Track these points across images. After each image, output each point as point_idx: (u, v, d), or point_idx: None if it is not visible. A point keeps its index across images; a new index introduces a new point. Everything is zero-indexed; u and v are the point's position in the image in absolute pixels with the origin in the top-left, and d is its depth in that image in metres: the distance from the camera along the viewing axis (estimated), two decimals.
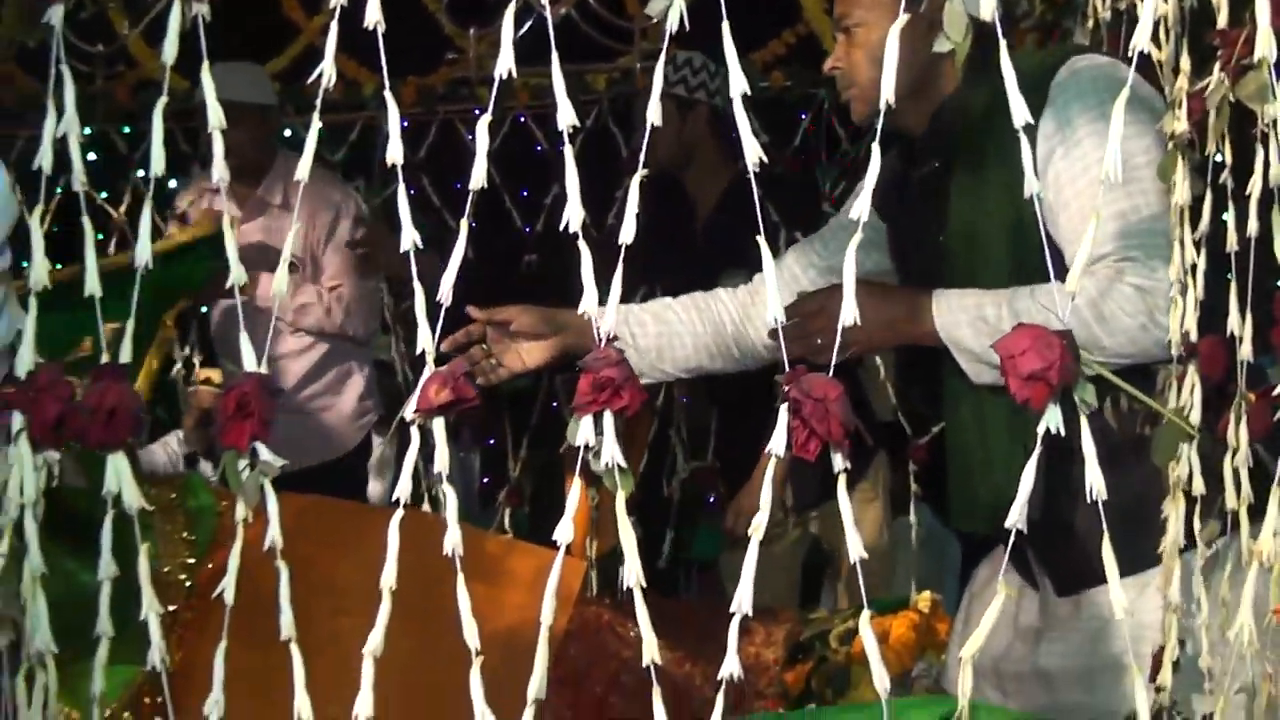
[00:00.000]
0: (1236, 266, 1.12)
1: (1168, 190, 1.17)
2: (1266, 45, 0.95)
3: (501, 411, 4.03)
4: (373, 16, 0.91)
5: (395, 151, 0.92)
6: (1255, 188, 1.06)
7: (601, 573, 2.23)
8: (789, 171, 4.13)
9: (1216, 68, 1.06)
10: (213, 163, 0.97)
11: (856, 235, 0.88)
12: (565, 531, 0.89)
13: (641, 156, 0.93)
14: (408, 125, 4.17)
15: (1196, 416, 1.18)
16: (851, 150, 4.13)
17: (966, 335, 1.56)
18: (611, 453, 0.86)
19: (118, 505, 0.98)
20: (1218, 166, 1.15)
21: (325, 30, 0.94)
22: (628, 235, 0.86)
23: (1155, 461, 1.18)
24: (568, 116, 0.88)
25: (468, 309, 1.76)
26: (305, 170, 0.96)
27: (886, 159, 1.76)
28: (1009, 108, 0.86)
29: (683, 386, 3.25)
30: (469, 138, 4.10)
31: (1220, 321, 1.16)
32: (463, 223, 0.90)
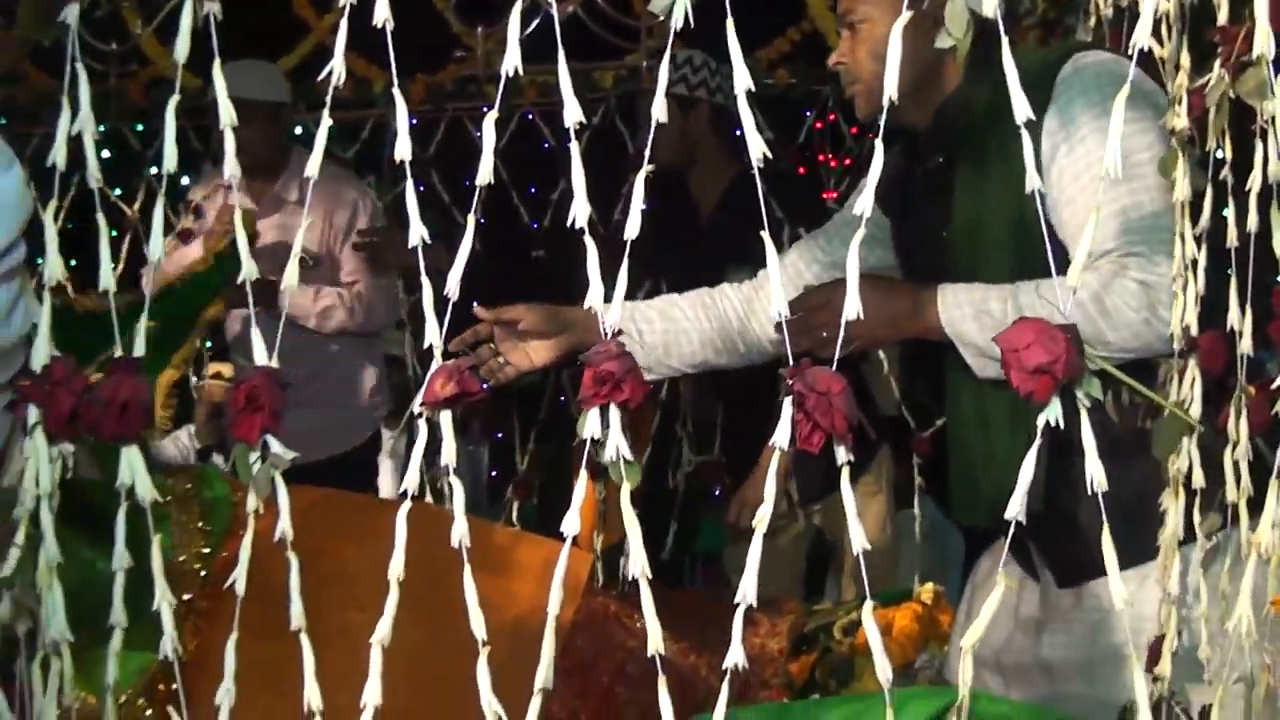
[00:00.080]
0: (1236, 261, 1.12)
1: (1169, 186, 1.18)
2: (1265, 42, 0.96)
3: (510, 406, 4.05)
4: (381, 15, 0.92)
5: (404, 148, 0.93)
6: (1255, 183, 1.07)
7: (607, 565, 2.24)
8: (792, 168, 4.13)
9: (1216, 64, 1.06)
10: (224, 160, 0.98)
11: (860, 231, 0.89)
12: (572, 523, 0.89)
13: (647, 153, 0.94)
14: (416, 122, 4.18)
15: (1197, 410, 1.18)
16: (855, 147, 4.13)
17: (971, 330, 1.56)
18: (617, 445, 0.87)
19: (131, 497, 0.99)
20: (1218, 162, 1.15)
21: (335, 29, 0.94)
22: (633, 230, 0.87)
23: (1156, 454, 1.18)
24: (574, 113, 0.89)
25: (475, 309, 1.76)
26: (315, 167, 0.97)
27: (890, 155, 1.76)
28: (1012, 104, 0.87)
29: (688, 381, 3.25)
30: (477, 135, 4.09)
31: (1221, 316, 1.16)
32: (470, 218, 0.91)
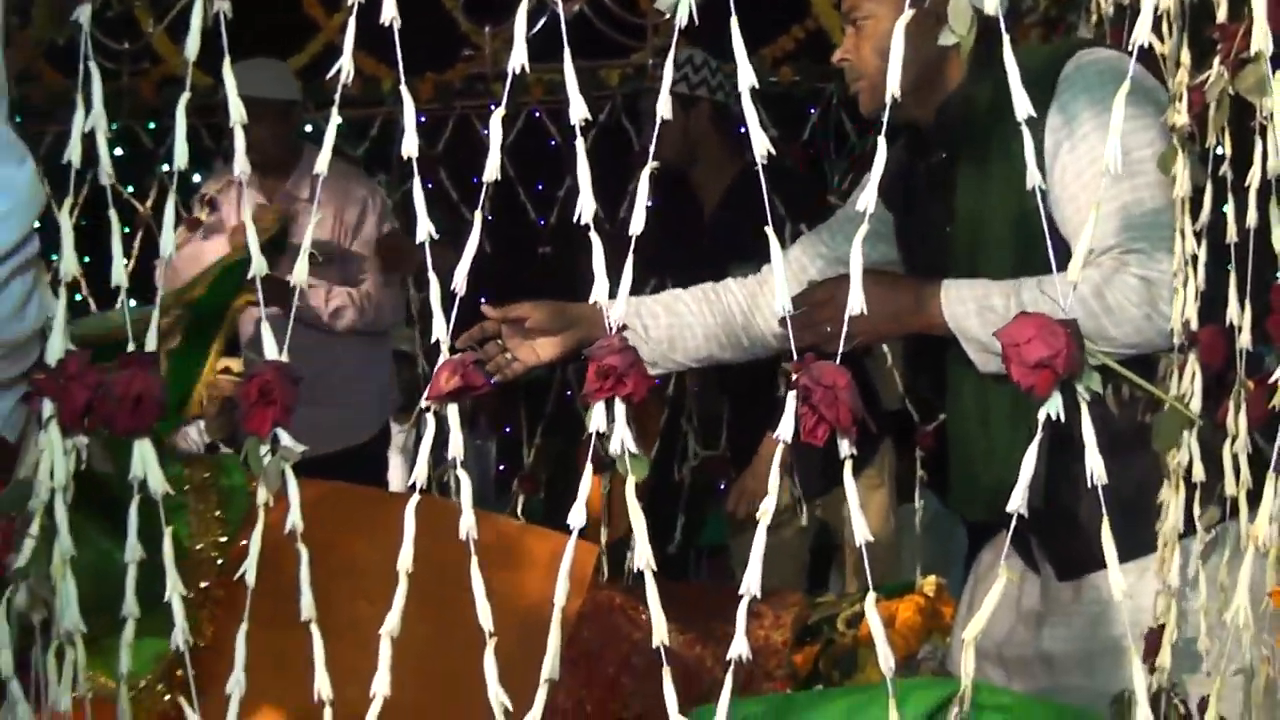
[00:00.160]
0: (1236, 257, 1.13)
1: (1170, 182, 1.19)
2: (1263, 39, 0.97)
3: (517, 401, 4.06)
4: (389, 13, 0.93)
5: (410, 145, 0.94)
6: (1254, 179, 1.07)
7: (614, 558, 2.25)
8: (795, 165, 4.15)
9: (1216, 61, 1.07)
10: (234, 157, 1.00)
11: (863, 226, 0.90)
12: (578, 516, 0.90)
13: (651, 149, 0.95)
14: (425, 120, 4.20)
15: (1197, 404, 1.19)
16: (859, 144, 4.14)
17: (974, 325, 1.57)
18: (623, 438, 0.88)
19: (144, 489, 1.01)
20: (1218, 158, 1.16)
21: (344, 28, 0.96)
22: (637, 227, 0.88)
23: (1156, 448, 1.19)
24: (579, 110, 0.89)
25: (482, 308, 1.77)
26: (324, 164, 0.98)
27: (893, 151, 1.77)
28: (1013, 101, 0.87)
29: (694, 376, 3.27)
30: (485, 132, 4.11)
31: (1220, 311, 1.17)
32: (476, 215, 0.92)
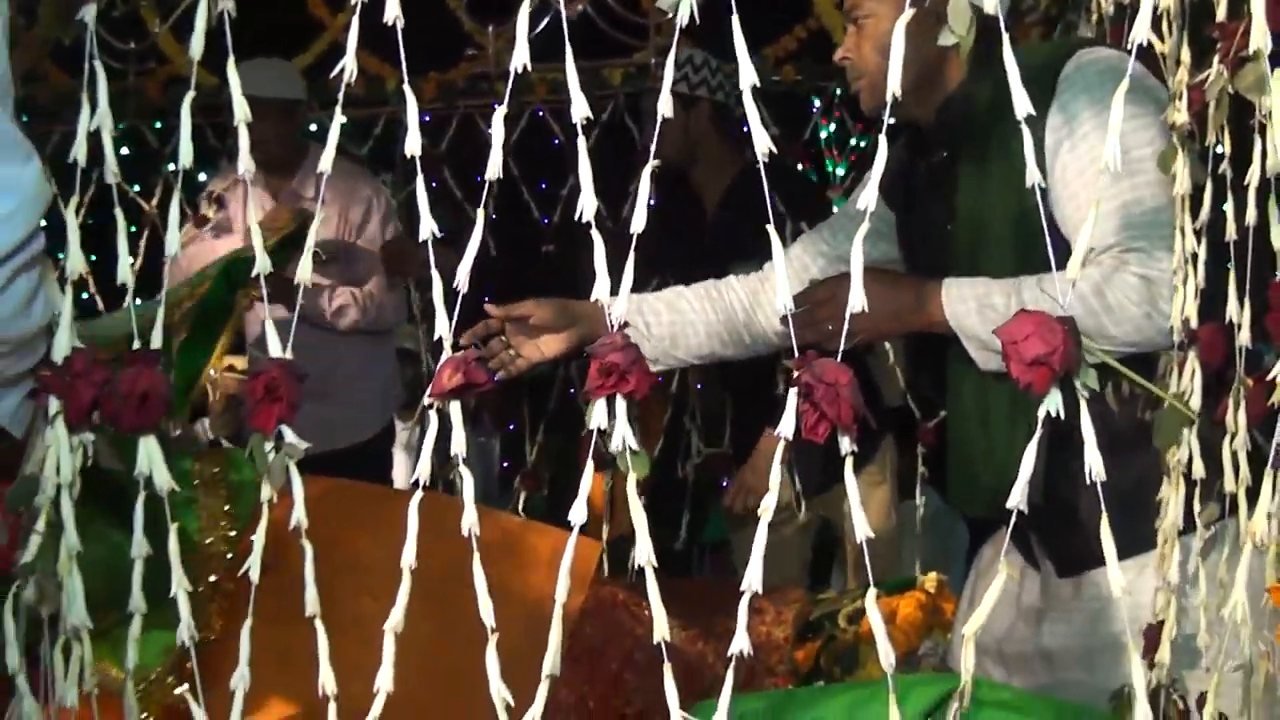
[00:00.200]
0: (1235, 255, 1.13)
1: (1170, 181, 1.19)
2: (1261, 38, 0.97)
3: (520, 398, 4.07)
4: (392, 13, 0.93)
5: (414, 144, 0.95)
6: (1253, 178, 1.08)
7: (617, 555, 2.25)
8: (795, 164, 4.16)
9: (1216, 60, 1.07)
10: (239, 156, 1.00)
11: (864, 225, 0.91)
12: (579, 513, 0.91)
13: (652, 148, 0.96)
14: (429, 119, 4.22)
15: (1197, 402, 1.19)
16: (861, 142, 4.15)
17: (975, 323, 1.57)
18: (624, 435, 0.89)
19: (150, 486, 1.01)
20: (1218, 157, 1.16)
21: (349, 27, 0.96)
22: (639, 224, 0.88)
23: (1156, 445, 1.20)
24: (581, 109, 0.90)
25: (486, 307, 1.78)
26: (328, 163, 0.99)
27: (894, 149, 1.78)
28: (1013, 99, 0.88)
29: (697, 374, 3.28)
30: (488, 131, 4.10)
31: (1220, 309, 1.17)
32: (479, 212, 0.93)
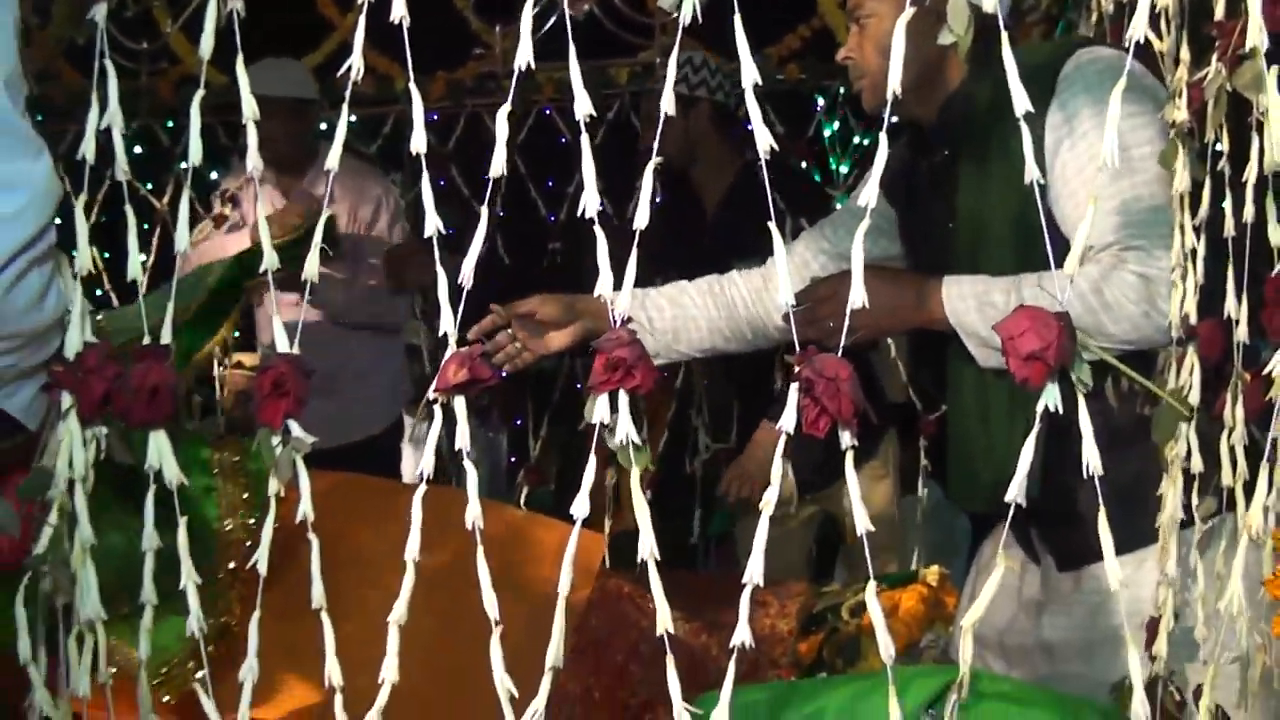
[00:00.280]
0: (1233, 251, 1.14)
1: (1168, 180, 1.20)
2: (1258, 36, 0.98)
3: (525, 392, 4.09)
4: (398, 12, 0.95)
5: (419, 142, 0.96)
6: (1251, 174, 1.09)
7: (626, 548, 2.25)
8: (798, 163, 4.17)
9: (1214, 58, 1.08)
10: (248, 155, 1.02)
11: (864, 222, 0.92)
12: (582, 506, 0.92)
13: (655, 145, 0.97)
14: (437, 118, 4.24)
15: (1195, 397, 1.20)
16: (864, 140, 4.16)
17: (975, 320, 1.58)
18: (626, 430, 0.90)
19: (160, 479, 1.03)
20: (1216, 154, 1.17)
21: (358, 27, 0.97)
22: (642, 221, 0.90)
23: (1155, 440, 1.20)
24: (584, 106, 0.91)
25: (491, 309, 1.81)
26: (335, 160, 1.00)
27: (896, 148, 1.79)
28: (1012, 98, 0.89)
29: (703, 369, 3.29)
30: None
31: (1219, 305, 1.18)
32: (483, 209, 0.94)
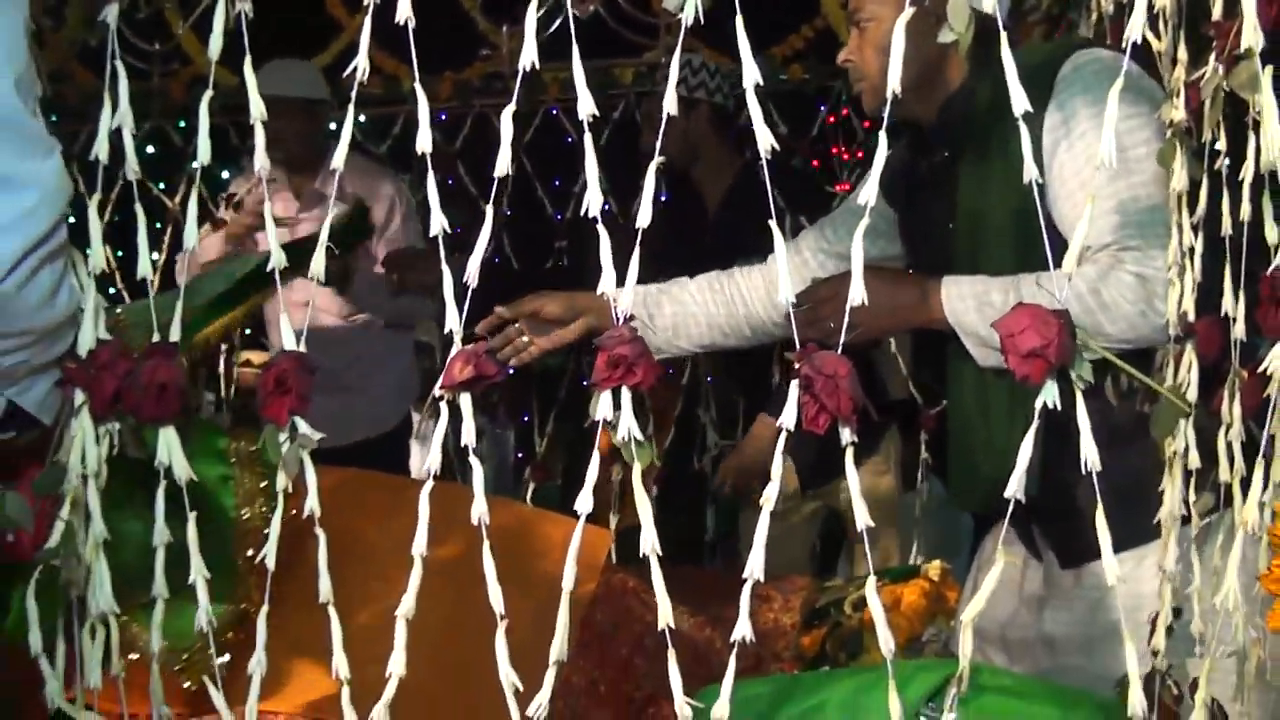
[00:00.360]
0: (1230, 249, 1.15)
1: (1166, 180, 1.20)
2: (1253, 36, 0.99)
3: (533, 389, 4.12)
4: (404, 12, 0.96)
5: (424, 141, 0.97)
6: (1248, 173, 1.09)
7: (632, 544, 2.26)
8: (802, 164, 4.19)
9: (1211, 58, 1.09)
10: (255, 155, 1.03)
11: (864, 222, 0.93)
12: (586, 502, 0.93)
13: (658, 144, 0.98)
14: (444, 118, 4.25)
15: (1193, 394, 1.21)
16: (868, 140, 4.16)
17: (974, 320, 1.59)
18: (629, 426, 0.91)
19: (170, 475, 1.04)
20: (1214, 153, 1.18)
21: (364, 27, 0.99)
22: (645, 219, 0.91)
23: (1154, 436, 1.21)
24: (587, 105, 0.93)
25: (496, 310, 1.84)
26: (340, 159, 1.01)
27: (896, 148, 1.80)
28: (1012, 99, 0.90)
29: (709, 366, 3.31)
30: None
31: (1216, 302, 1.18)
32: (488, 208, 0.95)
